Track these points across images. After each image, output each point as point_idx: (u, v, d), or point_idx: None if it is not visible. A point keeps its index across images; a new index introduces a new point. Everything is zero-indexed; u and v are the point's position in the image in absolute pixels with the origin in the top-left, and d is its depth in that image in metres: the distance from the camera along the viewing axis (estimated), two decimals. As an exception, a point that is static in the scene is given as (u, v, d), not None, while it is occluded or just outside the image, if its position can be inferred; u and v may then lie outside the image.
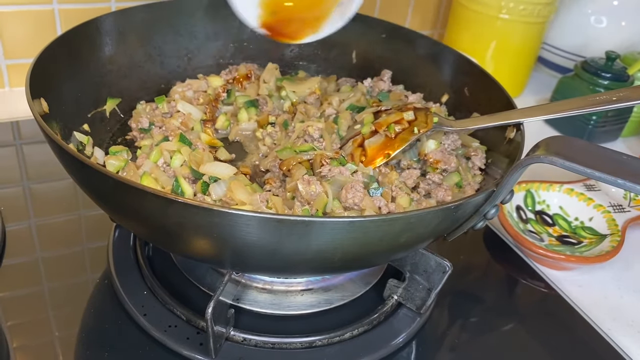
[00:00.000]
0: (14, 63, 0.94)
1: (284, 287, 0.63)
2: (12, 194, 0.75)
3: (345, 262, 0.52)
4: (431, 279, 0.61)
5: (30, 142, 0.85)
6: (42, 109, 0.58)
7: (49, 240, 0.68)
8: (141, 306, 0.59)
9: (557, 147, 0.48)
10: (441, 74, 0.84)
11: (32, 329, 0.57)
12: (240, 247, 0.46)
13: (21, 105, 0.61)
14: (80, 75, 0.70)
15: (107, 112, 0.74)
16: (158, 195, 0.43)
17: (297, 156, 0.65)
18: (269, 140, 0.75)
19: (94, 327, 0.58)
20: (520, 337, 0.66)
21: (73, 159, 0.47)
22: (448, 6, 1.27)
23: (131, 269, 0.63)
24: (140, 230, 0.56)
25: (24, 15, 0.90)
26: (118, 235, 0.68)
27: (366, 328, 0.61)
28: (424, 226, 0.49)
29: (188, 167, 0.62)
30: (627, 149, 1.10)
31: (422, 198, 0.66)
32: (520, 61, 1.18)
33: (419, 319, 0.63)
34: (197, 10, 0.84)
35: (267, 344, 0.57)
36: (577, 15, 1.21)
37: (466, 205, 0.50)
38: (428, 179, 0.67)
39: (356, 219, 0.45)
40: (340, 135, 0.73)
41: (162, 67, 0.83)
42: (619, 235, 0.77)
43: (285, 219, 0.43)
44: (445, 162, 0.67)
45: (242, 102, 0.80)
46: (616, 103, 0.58)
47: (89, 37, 0.72)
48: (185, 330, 0.57)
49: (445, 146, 0.70)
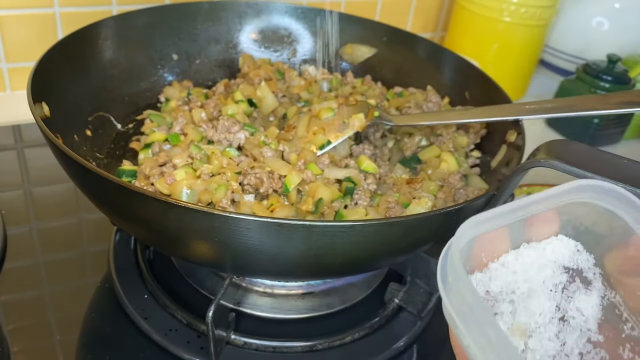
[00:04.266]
0: (16, 66, 0.94)
1: (284, 291, 0.63)
2: (14, 198, 0.75)
3: (346, 266, 0.52)
4: (432, 283, 0.61)
5: (31, 146, 0.86)
6: (44, 113, 0.58)
7: (50, 244, 0.68)
8: (142, 310, 0.59)
9: (557, 151, 0.48)
10: (442, 77, 0.84)
11: (33, 332, 0.57)
12: (241, 251, 0.46)
13: (22, 108, 0.61)
14: (82, 79, 0.70)
15: (112, 118, 0.74)
16: (159, 200, 0.43)
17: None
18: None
19: (95, 330, 0.58)
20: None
21: (74, 162, 0.47)
22: (449, 9, 1.27)
23: (132, 273, 0.63)
24: (141, 234, 0.56)
25: (26, 19, 0.90)
26: (119, 238, 0.68)
27: (367, 332, 0.61)
28: (425, 230, 0.49)
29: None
30: (629, 152, 1.10)
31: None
32: (522, 64, 1.18)
33: (419, 323, 0.63)
34: (197, 14, 0.85)
35: (268, 347, 0.57)
36: (579, 18, 1.21)
37: (467, 208, 0.50)
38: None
39: (357, 222, 0.45)
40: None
41: (163, 71, 0.83)
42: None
43: (285, 223, 0.43)
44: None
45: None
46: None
47: (90, 41, 0.72)
48: (186, 334, 0.57)
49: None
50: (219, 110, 0.73)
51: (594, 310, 0.35)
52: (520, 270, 0.36)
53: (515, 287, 0.35)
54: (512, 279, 0.35)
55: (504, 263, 0.36)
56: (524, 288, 0.35)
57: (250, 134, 0.69)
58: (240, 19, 0.88)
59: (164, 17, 0.82)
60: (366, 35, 0.89)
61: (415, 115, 0.74)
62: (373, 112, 0.71)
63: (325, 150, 0.68)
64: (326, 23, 0.89)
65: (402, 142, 0.73)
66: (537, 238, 0.37)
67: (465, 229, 0.33)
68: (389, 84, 0.88)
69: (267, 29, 0.90)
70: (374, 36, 0.89)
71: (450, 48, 0.91)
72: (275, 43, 0.91)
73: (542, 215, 0.36)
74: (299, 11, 0.90)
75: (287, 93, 0.83)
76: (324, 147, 0.68)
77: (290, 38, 0.91)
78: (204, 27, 0.86)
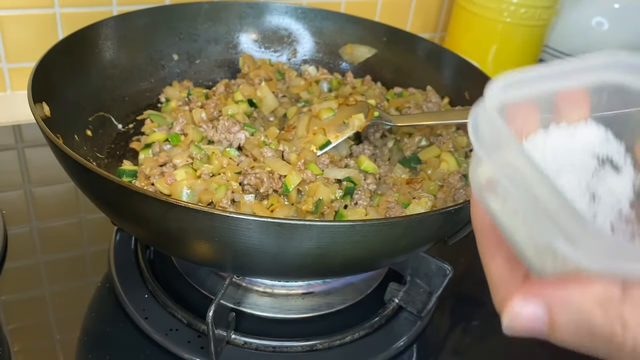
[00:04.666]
0: (16, 67, 0.94)
1: (284, 291, 0.64)
2: (14, 198, 0.75)
3: (346, 265, 0.52)
4: (432, 283, 0.61)
5: (31, 146, 0.86)
6: (44, 113, 0.58)
7: (51, 244, 0.69)
8: (142, 309, 0.59)
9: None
10: (442, 77, 0.84)
11: (34, 332, 0.57)
12: (241, 251, 0.46)
13: (23, 108, 0.61)
14: (82, 79, 0.70)
15: (113, 118, 0.74)
16: (159, 200, 0.43)
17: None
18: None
19: (95, 330, 0.58)
20: (521, 340, 0.65)
21: (75, 162, 0.47)
22: (449, 9, 1.27)
23: (132, 273, 0.63)
24: (141, 233, 0.56)
25: (26, 19, 0.90)
26: (119, 238, 0.68)
27: (367, 331, 0.61)
28: (425, 230, 0.49)
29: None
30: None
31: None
32: (522, 64, 1.18)
33: (419, 323, 0.63)
34: (198, 14, 0.85)
35: (268, 347, 0.57)
36: (579, 18, 1.21)
37: (466, 208, 0.50)
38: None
39: (357, 222, 0.45)
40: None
41: (163, 71, 0.83)
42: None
43: (285, 223, 0.43)
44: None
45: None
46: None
47: (90, 41, 0.73)
48: (186, 334, 0.58)
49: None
50: (219, 110, 0.74)
51: (625, 191, 0.33)
52: (549, 152, 0.33)
53: (544, 167, 0.32)
54: (540, 159, 0.33)
55: (533, 143, 0.34)
56: (554, 167, 0.33)
57: (250, 134, 0.69)
58: (240, 19, 0.88)
59: (164, 18, 0.82)
60: (366, 35, 0.89)
61: (415, 116, 0.74)
62: (373, 112, 0.71)
63: (325, 150, 0.68)
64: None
65: (402, 142, 0.74)
66: (568, 120, 0.34)
67: (496, 90, 0.31)
68: (388, 84, 0.88)
69: (267, 29, 0.90)
70: (373, 36, 0.89)
71: (450, 48, 0.91)
72: (276, 43, 0.91)
73: (573, 95, 0.34)
74: (299, 11, 0.90)
75: (287, 93, 0.83)
76: (324, 147, 0.68)
77: (291, 38, 0.91)
78: (204, 28, 0.86)
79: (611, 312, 0.23)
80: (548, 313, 0.25)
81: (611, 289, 0.23)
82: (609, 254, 0.24)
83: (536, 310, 0.25)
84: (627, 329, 0.23)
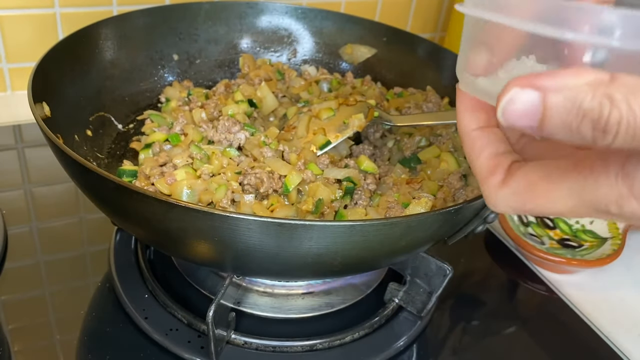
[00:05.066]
0: (16, 67, 0.94)
1: (284, 291, 0.64)
2: (14, 197, 0.75)
3: (346, 265, 0.52)
4: (432, 283, 0.61)
5: (32, 146, 0.86)
6: (44, 113, 0.58)
7: (51, 244, 0.69)
8: (142, 309, 0.59)
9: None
10: (442, 77, 0.84)
11: (33, 332, 0.57)
12: (241, 251, 0.46)
13: (23, 108, 0.61)
14: (82, 79, 0.70)
15: (113, 118, 0.74)
16: (159, 200, 0.43)
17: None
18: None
19: (95, 330, 0.58)
20: (521, 340, 0.66)
21: (75, 162, 0.47)
22: (449, 9, 1.27)
23: (132, 272, 0.64)
24: (141, 233, 0.56)
25: (26, 19, 0.90)
26: (119, 238, 0.68)
27: (367, 331, 0.61)
28: (424, 230, 0.49)
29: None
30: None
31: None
32: (521, 64, 1.18)
33: (419, 323, 0.63)
34: (198, 14, 0.85)
35: (268, 347, 0.57)
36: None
37: (466, 209, 0.50)
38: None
39: (357, 222, 0.45)
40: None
41: (163, 71, 0.83)
42: (619, 238, 0.77)
43: (285, 223, 0.43)
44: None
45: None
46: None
47: (90, 41, 0.72)
48: (186, 334, 0.58)
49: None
50: (219, 110, 0.74)
51: None
52: None
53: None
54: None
55: None
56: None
57: (250, 134, 0.69)
58: (240, 19, 0.88)
59: (164, 18, 0.82)
60: (366, 35, 0.89)
61: (415, 116, 0.74)
62: (373, 112, 0.71)
63: (325, 150, 0.68)
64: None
65: (402, 142, 0.74)
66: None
67: None
68: (388, 84, 0.88)
69: (267, 29, 0.90)
70: (373, 36, 0.89)
71: (450, 48, 0.91)
72: (275, 43, 0.91)
73: None
74: (299, 11, 0.90)
75: (287, 93, 0.83)
76: (324, 147, 0.68)
77: (291, 38, 0.91)
78: (204, 28, 0.86)
79: (600, 91, 0.25)
80: (542, 97, 0.27)
81: (602, 76, 0.26)
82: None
83: (532, 96, 0.27)
84: (614, 104, 0.25)
